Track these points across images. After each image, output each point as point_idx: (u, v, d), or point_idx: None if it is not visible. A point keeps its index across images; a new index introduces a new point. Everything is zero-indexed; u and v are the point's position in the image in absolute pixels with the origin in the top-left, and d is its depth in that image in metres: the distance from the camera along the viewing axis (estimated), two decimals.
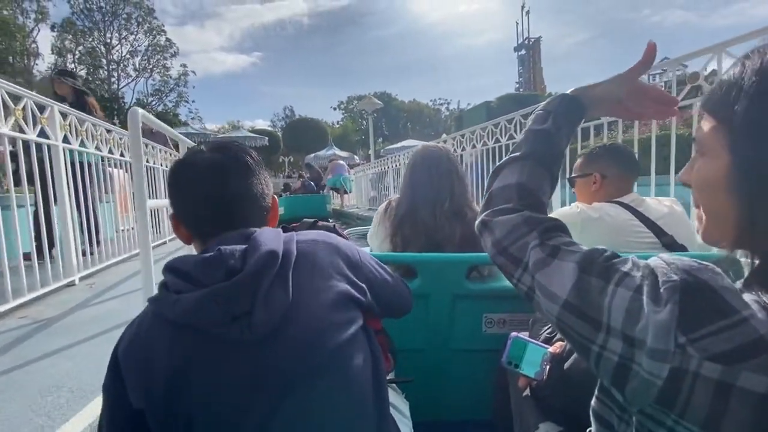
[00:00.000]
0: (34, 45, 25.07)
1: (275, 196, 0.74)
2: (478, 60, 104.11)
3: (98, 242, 3.06)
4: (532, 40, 37.91)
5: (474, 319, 1.21)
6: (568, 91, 0.65)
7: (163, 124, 2.15)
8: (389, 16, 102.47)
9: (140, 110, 1.67)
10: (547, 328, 1.02)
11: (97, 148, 3.06)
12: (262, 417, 0.54)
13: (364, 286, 0.67)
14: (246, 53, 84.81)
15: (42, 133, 2.36)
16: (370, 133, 10.51)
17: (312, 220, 1.02)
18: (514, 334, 0.88)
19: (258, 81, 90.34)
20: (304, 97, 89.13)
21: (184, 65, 32.60)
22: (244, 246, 0.59)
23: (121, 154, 3.49)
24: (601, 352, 0.40)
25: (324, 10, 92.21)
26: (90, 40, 28.36)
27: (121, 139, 3.49)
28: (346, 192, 11.04)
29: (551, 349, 0.86)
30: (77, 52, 28.02)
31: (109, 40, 28.86)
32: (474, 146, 4.17)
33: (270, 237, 0.60)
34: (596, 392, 0.52)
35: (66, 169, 2.59)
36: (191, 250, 0.71)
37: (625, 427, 0.45)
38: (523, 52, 38.90)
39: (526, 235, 0.51)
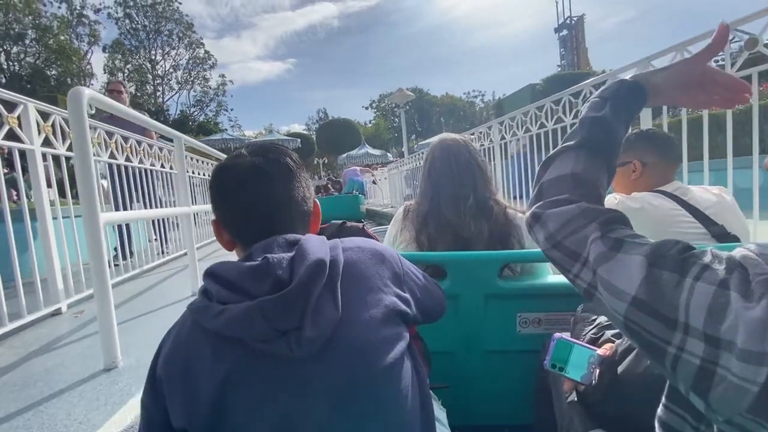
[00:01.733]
0: (88, 66, 27.03)
1: (316, 200, 0.73)
2: (511, 48, 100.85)
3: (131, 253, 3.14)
4: (575, 19, 35.45)
5: (508, 319, 1.15)
6: (627, 77, 0.60)
7: (125, 107, 1.77)
8: (417, 12, 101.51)
9: (86, 90, 1.29)
10: (592, 329, 0.95)
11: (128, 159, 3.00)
12: None
13: (409, 297, 0.64)
14: (280, 60, 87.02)
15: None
16: (403, 128, 9.99)
17: (341, 221, 0.99)
18: (557, 334, 0.83)
19: (292, 86, 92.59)
20: (337, 99, 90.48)
21: (223, 75, 33.92)
22: (290, 254, 0.56)
23: (162, 166, 3.56)
24: (678, 354, 0.36)
25: (353, 11, 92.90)
26: (137, 57, 30.21)
27: (161, 150, 3.57)
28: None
29: (600, 351, 0.81)
30: (126, 70, 29.90)
31: (153, 57, 30.60)
32: (514, 134, 3.60)
33: (317, 245, 0.58)
34: (664, 399, 0.47)
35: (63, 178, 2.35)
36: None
37: None
38: (564, 32, 36.29)
39: (584, 228, 0.48)
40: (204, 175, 5.04)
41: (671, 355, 0.36)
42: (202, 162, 5.16)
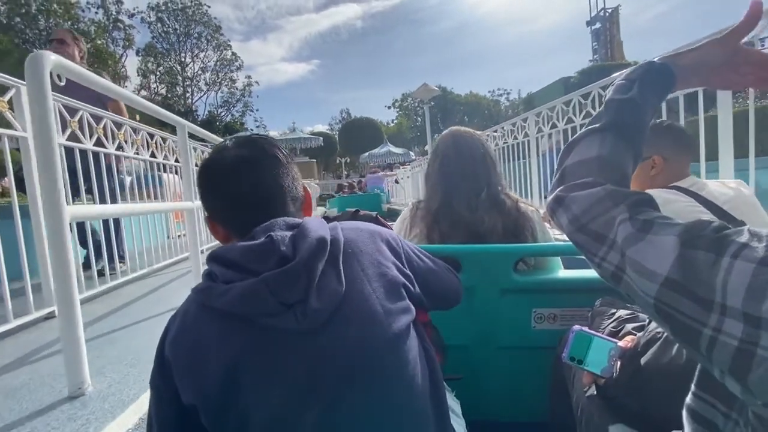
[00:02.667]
0: (123, 69, 28.09)
1: (306, 186, 0.73)
2: (538, 45, 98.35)
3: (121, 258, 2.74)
4: (609, 11, 33.65)
5: (522, 315, 1.12)
6: (655, 59, 0.58)
7: (90, 73, 1.37)
8: (442, 10, 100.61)
9: (51, 56, 1.07)
10: (611, 322, 0.93)
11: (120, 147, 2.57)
12: (321, 411, 0.52)
13: (410, 274, 0.65)
14: (304, 61, 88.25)
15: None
16: (427, 125, 9.56)
17: (354, 209, 1.02)
18: (577, 327, 0.81)
19: (316, 87, 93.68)
20: (360, 100, 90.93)
21: (249, 77, 34.52)
22: (291, 233, 0.56)
23: (165, 157, 3.22)
24: (715, 335, 0.34)
25: (377, 11, 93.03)
26: (168, 60, 31.13)
27: (164, 141, 3.22)
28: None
29: (621, 343, 0.78)
30: (158, 72, 30.88)
31: (183, 59, 31.46)
32: (554, 125, 3.23)
33: (317, 224, 0.58)
34: (693, 387, 0.46)
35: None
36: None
37: (733, 426, 0.40)
38: (598, 25, 34.28)
39: (611, 209, 0.47)
40: None
41: (707, 337, 0.35)
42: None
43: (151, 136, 3.00)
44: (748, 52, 0.55)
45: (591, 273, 1.09)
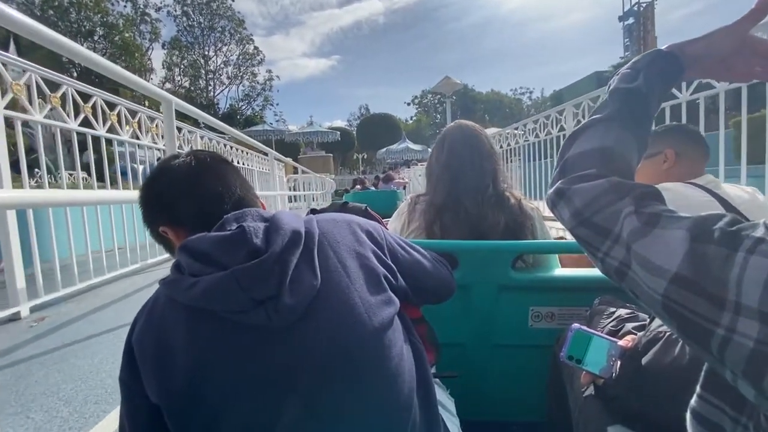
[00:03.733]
0: (149, 61, 28.78)
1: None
2: (563, 43, 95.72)
3: None
4: (643, 5, 31.33)
5: (520, 313, 1.11)
6: (663, 47, 0.56)
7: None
8: (464, 7, 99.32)
9: None
10: (611, 321, 0.91)
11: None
12: (297, 413, 0.49)
13: (392, 265, 0.62)
14: (325, 57, 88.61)
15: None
16: (448, 120, 9.31)
17: (342, 201, 0.97)
18: (576, 325, 0.79)
19: (336, 83, 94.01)
20: (380, 96, 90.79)
21: (269, 71, 34.87)
22: (265, 224, 0.54)
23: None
24: (728, 335, 0.32)
25: (399, 7, 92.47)
26: (192, 53, 31.69)
27: (179, 130, 3.02)
28: None
29: (621, 342, 0.76)
30: (182, 65, 31.51)
31: (206, 53, 31.98)
32: (579, 122, 3.07)
33: (291, 217, 0.56)
34: (699, 390, 0.44)
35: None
36: None
37: (743, 431, 0.38)
38: (630, 21, 32.29)
39: (615, 202, 0.44)
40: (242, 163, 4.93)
41: (719, 337, 0.33)
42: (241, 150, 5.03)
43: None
44: (756, 42, 0.53)
45: (590, 271, 1.11)
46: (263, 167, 5.72)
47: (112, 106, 2.45)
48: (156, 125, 2.81)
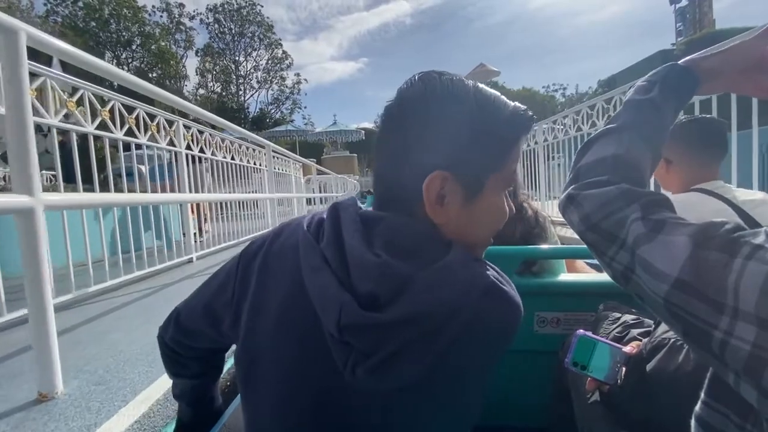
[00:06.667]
0: (183, 69, 29.95)
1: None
2: (599, 37, 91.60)
3: None
4: None
5: (524, 318, 0.88)
6: (679, 62, 0.57)
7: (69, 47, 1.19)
8: (493, 4, 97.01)
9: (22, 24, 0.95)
10: (616, 327, 0.90)
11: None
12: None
13: None
14: (353, 60, 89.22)
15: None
16: None
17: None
18: (580, 331, 0.79)
19: (363, 85, 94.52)
20: None
21: (298, 74, 35.43)
22: None
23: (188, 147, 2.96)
24: (726, 339, 0.34)
25: (426, 7, 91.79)
26: (223, 59, 32.71)
27: (188, 129, 2.97)
28: None
29: (626, 349, 0.76)
30: (214, 71, 32.58)
31: (237, 58, 32.90)
32: (594, 125, 2.79)
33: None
34: (703, 396, 0.44)
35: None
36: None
37: None
38: (683, 2, 28.76)
39: (623, 209, 0.46)
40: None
41: (718, 340, 0.34)
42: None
43: (170, 123, 2.81)
44: None
45: (595, 277, 1.11)
46: (257, 162, 4.51)
47: (130, 109, 2.41)
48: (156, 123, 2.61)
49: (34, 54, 1.10)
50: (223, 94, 32.51)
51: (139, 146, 2.68)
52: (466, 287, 0.39)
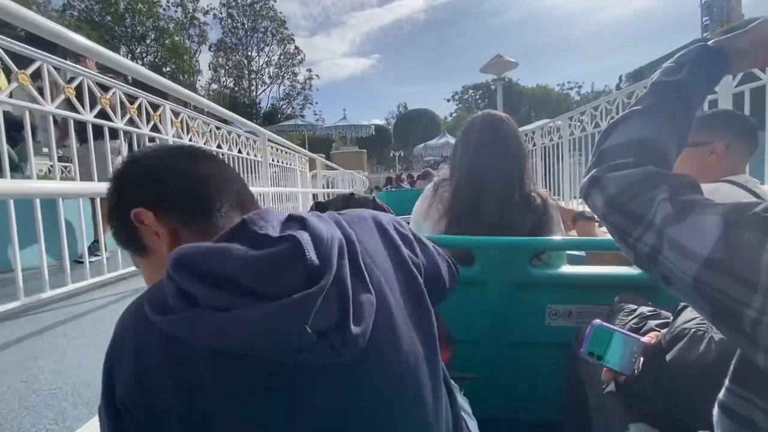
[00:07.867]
0: (196, 63, 30.05)
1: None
2: (618, 34, 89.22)
3: None
4: None
5: (537, 311, 1.10)
6: (709, 42, 0.56)
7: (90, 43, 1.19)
8: (508, 1, 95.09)
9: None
10: (632, 319, 0.88)
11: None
12: None
13: (420, 263, 0.55)
14: (365, 56, 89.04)
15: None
16: (499, 106, 8.08)
17: (349, 192, 0.94)
18: (597, 321, 0.78)
19: (375, 82, 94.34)
20: (419, 94, 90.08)
21: (309, 70, 35.29)
22: (305, 232, 0.41)
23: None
24: (759, 317, 0.34)
25: (440, 3, 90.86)
26: (236, 54, 32.75)
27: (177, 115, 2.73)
28: None
29: (644, 339, 0.75)
30: (227, 66, 32.64)
31: (249, 53, 32.91)
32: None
33: (320, 221, 0.45)
34: (727, 383, 0.43)
35: None
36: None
37: None
38: None
39: (650, 190, 0.45)
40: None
41: (750, 319, 0.34)
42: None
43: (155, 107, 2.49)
44: None
45: (610, 269, 1.09)
46: (255, 154, 4.07)
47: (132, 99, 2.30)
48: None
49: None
50: (236, 89, 32.56)
51: (115, 134, 2.39)
52: None
